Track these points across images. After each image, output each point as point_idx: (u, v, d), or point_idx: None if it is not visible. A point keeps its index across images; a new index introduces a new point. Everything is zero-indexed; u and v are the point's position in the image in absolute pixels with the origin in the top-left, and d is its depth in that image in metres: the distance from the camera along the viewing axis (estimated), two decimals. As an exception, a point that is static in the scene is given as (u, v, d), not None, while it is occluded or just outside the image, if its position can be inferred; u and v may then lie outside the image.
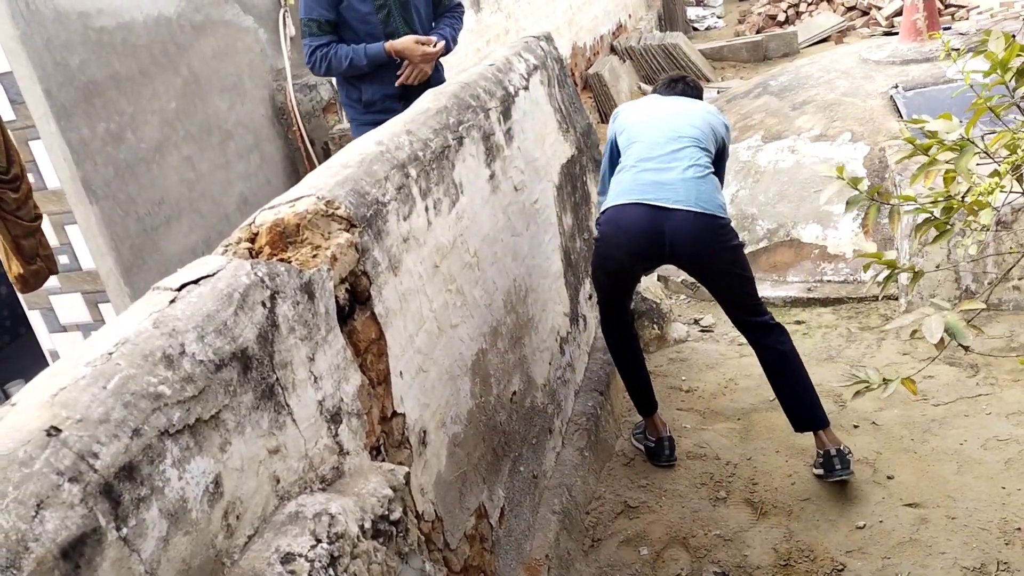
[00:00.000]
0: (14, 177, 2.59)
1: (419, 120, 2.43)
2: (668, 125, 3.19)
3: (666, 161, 3.09)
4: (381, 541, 1.63)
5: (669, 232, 3.00)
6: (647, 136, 3.20)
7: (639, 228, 3.04)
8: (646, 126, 3.24)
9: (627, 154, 3.22)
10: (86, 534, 1.11)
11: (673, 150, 3.11)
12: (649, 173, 3.08)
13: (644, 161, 3.13)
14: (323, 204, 1.88)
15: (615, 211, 3.12)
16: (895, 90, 5.27)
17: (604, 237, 3.18)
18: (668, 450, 3.33)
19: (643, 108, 3.37)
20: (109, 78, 3.32)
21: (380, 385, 1.94)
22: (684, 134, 3.14)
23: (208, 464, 1.35)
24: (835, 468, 3.04)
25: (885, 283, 2.24)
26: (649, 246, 3.06)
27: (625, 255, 3.13)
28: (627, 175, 3.15)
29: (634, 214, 3.05)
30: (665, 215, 2.99)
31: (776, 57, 10.84)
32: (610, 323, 3.35)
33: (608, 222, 3.15)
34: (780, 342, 3.14)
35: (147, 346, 1.33)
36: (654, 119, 3.26)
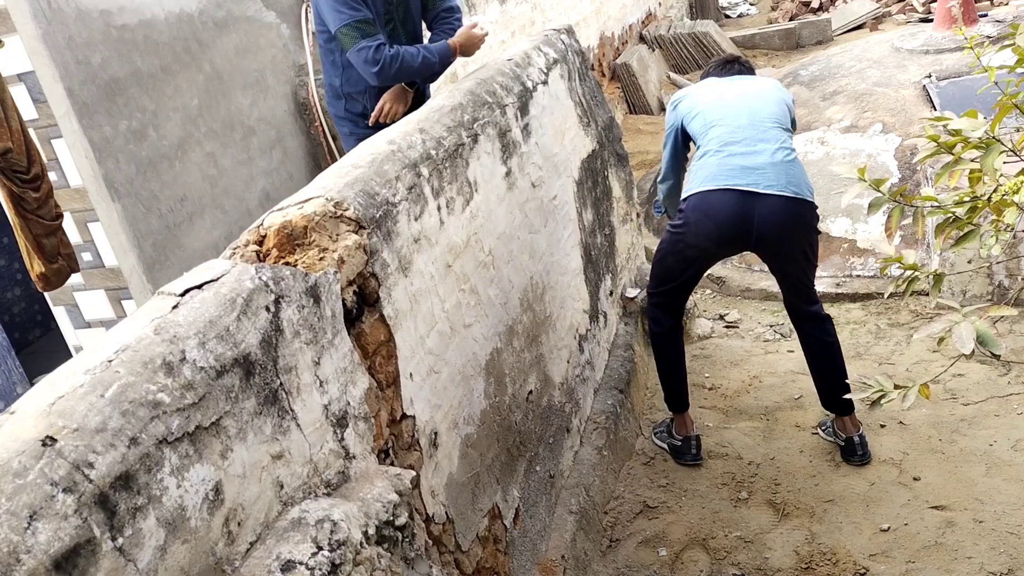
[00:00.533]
0: (35, 176, 2.62)
1: (432, 118, 2.41)
2: (746, 106, 3.12)
3: (751, 144, 3.02)
4: (386, 547, 1.62)
5: (759, 218, 2.96)
6: (727, 119, 3.13)
7: (728, 215, 2.99)
8: (723, 108, 3.17)
9: (707, 138, 3.15)
10: (80, 545, 1.11)
11: (757, 132, 3.05)
12: (736, 158, 3.02)
13: (729, 145, 3.06)
14: (331, 206, 1.87)
15: (702, 197, 3.05)
16: (928, 80, 5.15)
17: (689, 223, 3.10)
18: (695, 449, 3.30)
19: (710, 92, 3.28)
20: (131, 75, 3.34)
21: (389, 387, 1.93)
22: (765, 115, 3.08)
23: (208, 471, 1.34)
24: (856, 453, 3.16)
25: (908, 286, 2.19)
26: (737, 232, 3.01)
27: (711, 241, 3.08)
28: (712, 160, 3.08)
29: (723, 200, 2.99)
30: (756, 201, 2.94)
31: (809, 45, 10.68)
32: (664, 312, 3.31)
33: (695, 209, 3.08)
34: (827, 332, 3.17)
35: (147, 353, 1.33)
36: (728, 101, 3.18)
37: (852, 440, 3.16)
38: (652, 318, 3.37)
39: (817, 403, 3.55)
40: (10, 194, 2.67)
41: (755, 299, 4.63)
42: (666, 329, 3.32)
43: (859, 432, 3.18)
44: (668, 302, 3.29)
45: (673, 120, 3.39)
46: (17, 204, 2.68)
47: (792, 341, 4.13)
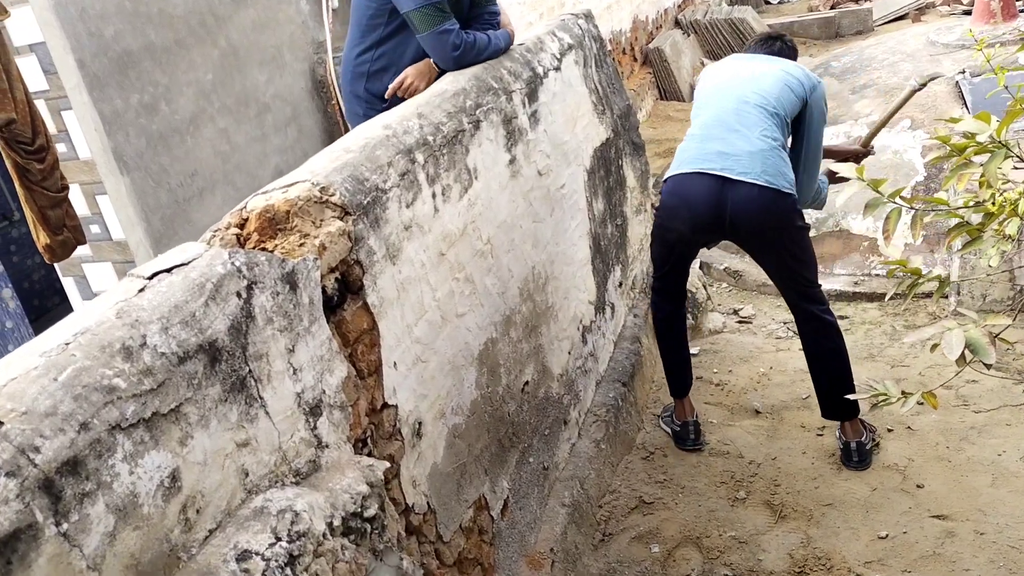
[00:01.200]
0: (39, 148, 2.63)
1: (433, 103, 2.38)
2: (737, 90, 3.06)
3: (731, 129, 2.98)
4: (352, 539, 1.60)
5: (731, 205, 2.92)
6: (714, 102, 3.10)
7: (700, 199, 2.96)
8: (714, 91, 3.14)
9: (695, 122, 3.14)
10: (20, 530, 1.10)
11: (741, 117, 2.98)
12: (715, 142, 2.99)
13: (709, 128, 3.03)
14: (317, 191, 1.85)
15: (677, 180, 3.05)
16: (961, 76, 5.01)
17: (664, 207, 3.11)
18: (693, 434, 3.30)
19: (716, 72, 3.24)
20: (144, 49, 3.34)
21: (370, 376, 1.91)
22: (754, 100, 3.01)
23: (164, 458, 1.33)
24: (852, 460, 3.11)
25: (911, 290, 2.14)
26: (710, 218, 2.98)
27: (685, 226, 3.06)
28: (692, 144, 3.07)
29: (697, 185, 2.97)
30: (729, 187, 2.91)
31: (849, 35, 10.46)
32: (662, 297, 3.32)
33: (669, 192, 3.08)
34: (829, 338, 3.09)
35: (106, 337, 1.31)
36: (724, 84, 3.13)
37: (849, 446, 3.11)
38: (652, 303, 3.40)
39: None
40: (15, 165, 2.68)
41: (771, 294, 4.55)
42: (666, 315, 3.32)
43: (857, 439, 3.10)
44: (664, 287, 3.30)
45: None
46: (22, 175, 2.69)
47: (805, 339, 4.05)
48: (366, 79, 3.05)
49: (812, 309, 3.07)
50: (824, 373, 3.11)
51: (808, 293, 3.06)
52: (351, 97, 3.11)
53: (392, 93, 2.92)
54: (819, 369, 3.13)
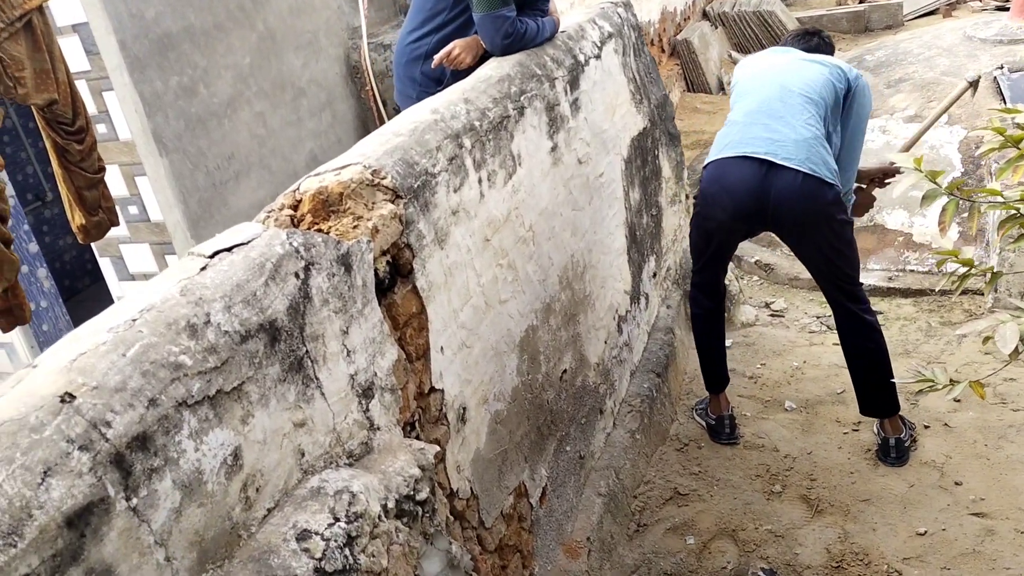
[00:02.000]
0: (79, 129, 2.63)
1: (479, 88, 2.37)
2: (780, 80, 3.00)
3: (776, 117, 2.91)
4: (405, 521, 1.60)
5: (774, 192, 2.84)
6: (756, 91, 3.04)
7: (742, 185, 2.89)
8: (756, 80, 3.08)
9: (735, 109, 3.08)
10: (93, 503, 1.11)
11: (785, 106, 2.92)
12: (758, 128, 2.92)
13: (753, 115, 2.96)
14: (369, 173, 1.84)
15: (718, 165, 2.97)
16: (1000, 71, 4.94)
17: (704, 195, 3.03)
18: (729, 428, 3.28)
19: (756, 63, 3.19)
20: (183, 31, 3.34)
21: (418, 360, 1.91)
22: (798, 90, 2.94)
23: (228, 436, 1.33)
24: (889, 456, 3.07)
25: (961, 282, 2.10)
26: (752, 205, 2.90)
27: (726, 214, 2.98)
28: (733, 129, 3.00)
29: (739, 169, 2.90)
30: (773, 173, 2.83)
31: (878, 29, 10.34)
32: (701, 292, 3.26)
33: (710, 179, 3.00)
34: (869, 339, 3.02)
35: (172, 314, 1.32)
36: (765, 73, 3.08)
37: (887, 442, 3.07)
38: (691, 298, 3.35)
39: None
40: (54, 145, 2.69)
41: (803, 288, 4.52)
42: (704, 311, 3.28)
43: (896, 435, 3.07)
44: (703, 282, 3.24)
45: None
46: (61, 155, 2.70)
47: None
48: (422, 62, 3.02)
49: (852, 308, 3.01)
50: (863, 371, 3.07)
51: (848, 291, 3.00)
52: (406, 80, 3.08)
53: (439, 63, 2.89)
54: (858, 367, 3.08)
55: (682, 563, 2.77)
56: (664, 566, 2.77)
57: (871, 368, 3.05)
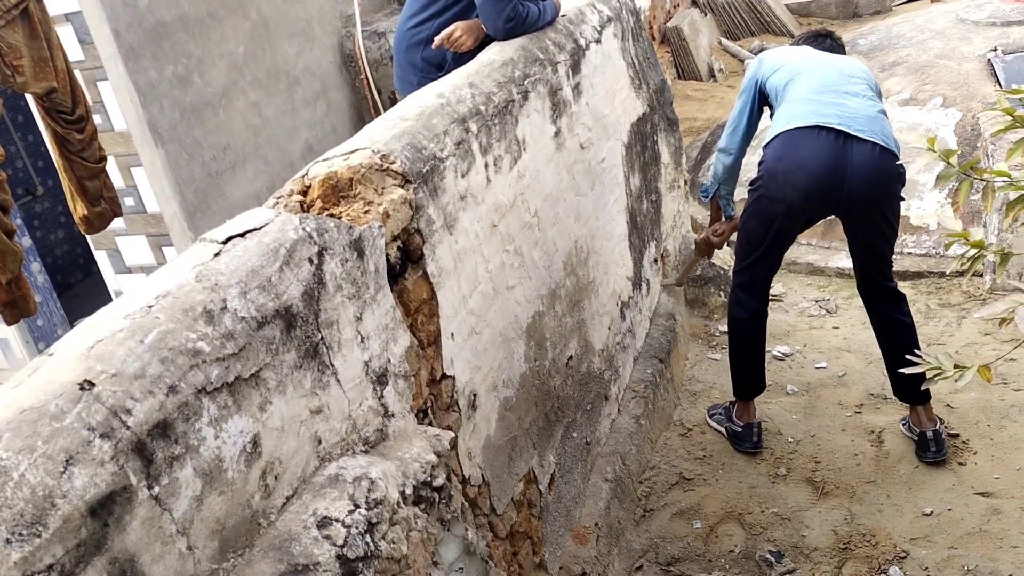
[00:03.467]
0: (79, 118, 2.60)
1: (483, 73, 2.34)
2: (837, 65, 2.92)
3: (843, 95, 2.79)
4: (422, 508, 1.59)
5: (853, 166, 2.67)
6: (818, 71, 2.90)
7: (818, 159, 2.70)
8: (813, 64, 2.95)
9: (794, 87, 2.89)
10: (116, 492, 1.09)
11: (849, 84, 2.83)
12: (827, 101, 2.77)
13: (819, 92, 2.81)
14: (378, 158, 1.82)
15: (788, 138, 2.76)
16: (993, 54, 4.95)
17: (772, 173, 2.79)
18: (756, 436, 3.12)
19: (798, 52, 3.09)
20: (177, 20, 3.30)
21: (430, 347, 1.89)
22: (857, 76, 2.88)
23: (247, 423, 1.31)
24: (929, 450, 2.96)
25: (971, 264, 2.09)
26: (829, 182, 2.71)
27: (797, 194, 2.75)
28: (799, 104, 2.82)
29: (814, 142, 2.71)
30: (850, 146, 2.68)
31: (867, 15, 10.34)
32: (749, 294, 2.99)
33: (778, 155, 2.78)
34: (903, 312, 2.97)
35: (188, 300, 1.29)
36: (819, 61, 2.97)
37: (925, 435, 2.96)
38: (736, 300, 3.05)
39: (861, 382, 3.48)
40: (54, 135, 2.66)
41: (801, 273, 4.52)
42: (751, 315, 3.01)
43: (935, 427, 2.96)
44: (753, 280, 2.98)
45: (753, 75, 3.10)
46: (61, 145, 2.66)
47: (837, 317, 4.03)
48: (423, 47, 2.98)
49: (889, 285, 2.97)
50: (901, 349, 2.85)
51: (886, 270, 2.96)
52: (406, 65, 3.05)
53: (439, 44, 2.86)
54: (898, 347, 2.91)
55: (689, 547, 2.77)
56: (672, 550, 2.76)
57: (910, 344, 2.90)
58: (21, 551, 0.97)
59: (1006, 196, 2.97)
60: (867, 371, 3.54)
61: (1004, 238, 3.88)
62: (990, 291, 3.93)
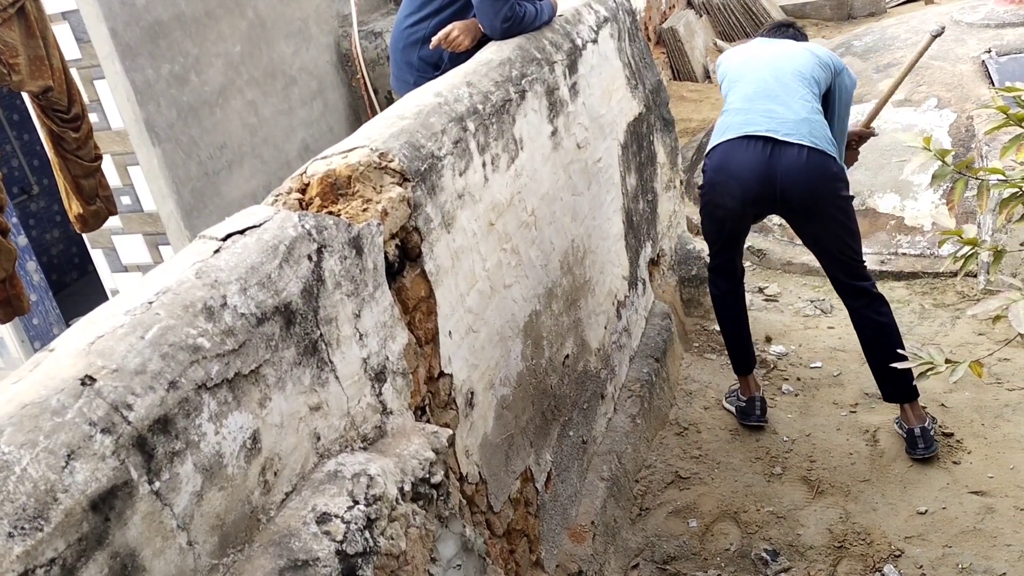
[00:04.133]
0: (75, 116, 2.60)
1: (480, 72, 2.35)
2: (773, 65, 3.03)
3: (774, 97, 2.93)
4: (421, 504, 1.60)
5: (781, 171, 2.85)
6: (750, 75, 3.05)
7: (748, 169, 2.89)
8: (748, 66, 3.10)
9: (731, 97, 3.08)
10: (117, 487, 1.10)
11: (780, 87, 2.95)
12: (758, 109, 2.93)
13: (750, 99, 2.97)
14: (376, 156, 1.83)
15: (723, 151, 2.97)
16: (987, 55, 4.97)
17: (710, 184, 3.03)
18: (759, 410, 3.25)
19: (743, 52, 3.21)
20: (175, 18, 3.30)
21: (428, 344, 1.90)
22: (791, 72, 2.97)
23: (246, 419, 1.32)
24: (917, 447, 2.99)
25: (965, 262, 2.10)
26: (760, 188, 2.90)
27: (735, 201, 2.99)
28: (732, 116, 3.00)
29: (743, 153, 2.90)
30: (777, 152, 2.84)
31: (861, 16, 10.38)
32: (718, 274, 3.28)
33: (715, 167, 3.00)
34: (879, 312, 3.03)
35: (188, 296, 1.30)
36: (756, 60, 3.10)
37: (913, 432, 2.98)
38: (710, 281, 3.35)
39: (856, 381, 3.49)
40: (50, 133, 2.65)
41: (796, 273, 4.53)
42: (723, 292, 3.28)
43: (922, 424, 2.99)
44: (719, 265, 3.25)
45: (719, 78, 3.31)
46: (57, 144, 2.66)
47: (832, 317, 4.05)
48: (420, 47, 2.98)
49: (861, 285, 3.02)
50: (880, 348, 2.97)
51: (854, 269, 3.02)
52: (402, 65, 3.05)
53: (437, 44, 2.87)
54: (875, 346, 3.01)
55: (685, 546, 2.78)
56: (667, 549, 2.77)
57: (887, 344, 2.95)
58: (23, 545, 0.97)
59: (999, 194, 2.99)
60: (862, 371, 3.54)
61: (998, 238, 3.89)
62: (984, 291, 3.95)
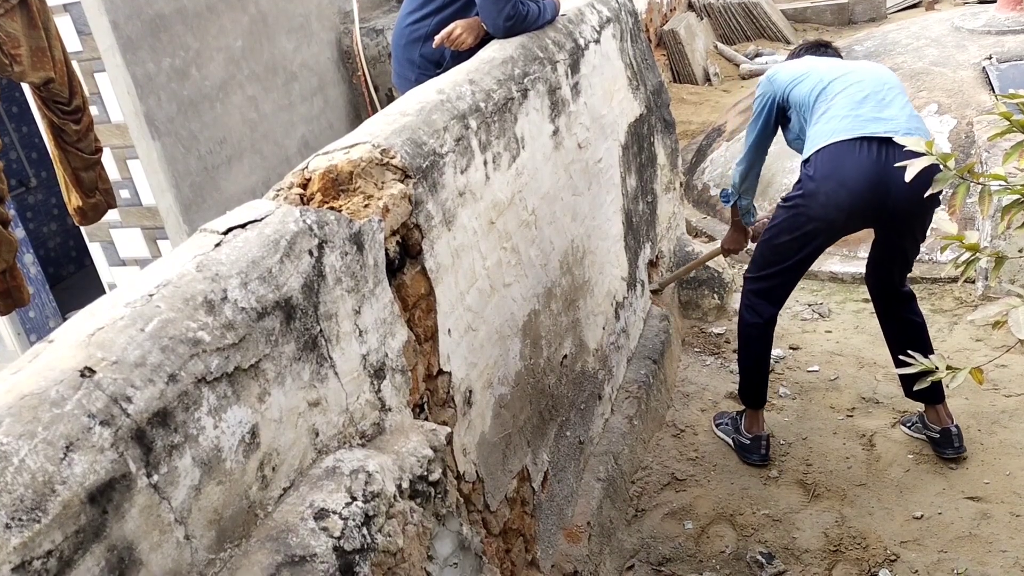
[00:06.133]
0: (76, 108, 2.59)
1: (483, 70, 2.35)
2: (870, 74, 2.82)
3: (885, 103, 2.70)
4: (419, 502, 1.59)
5: (896, 180, 2.53)
6: (851, 77, 2.80)
7: (864, 177, 2.62)
8: (841, 70, 2.85)
9: (828, 98, 2.80)
10: (115, 479, 1.09)
11: (886, 92, 2.74)
12: (869, 115, 2.68)
13: (858, 104, 2.72)
14: (378, 152, 1.82)
15: (830, 154, 2.68)
16: (988, 62, 4.98)
17: (812, 193, 2.71)
18: (764, 449, 3.07)
19: (816, 62, 2.98)
20: (176, 12, 3.29)
21: (427, 342, 1.89)
22: (890, 83, 2.79)
23: (245, 414, 1.31)
24: (952, 445, 2.97)
25: (966, 267, 2.10)
26: (873, 200, 2.64)
27: (840, 213, 2.69)
28: (837, 118, 2.73)
29: (856, 158, 2.63)
30: (893, 155, 2.56)
31: (862, 21, 10.40)
32: (764, 300, 2.95)
33: (822, 174, 2.68)
34: (916, 312, 2.97)
35: (189, 290, 1.29)
36: (845, 67, 2.89)
37: (949, 431, 2.95)
38: (748, 306, 3.00)
39: (853, 385, 3.49)
40: (50, 125, 2.65)
41: (794, 277, 4.53)
42: (763, 321, 2.97)
43: (955, 423, 2.98)
44: (771, 288, 2.94)
45: (769, 91, 3.02)
46: (57, 136, 2.65)
47: (830, 321, 4.05)
48: (422, 44, 2.97)
49: (905, 290, 2.97)
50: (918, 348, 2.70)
51: (905, 276, 2.98)
52: (404, 62, 3.04)
53: (440, 43, 2.86)
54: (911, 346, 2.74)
55: (681, 547, 2.78)
56: (663, 550, 2.77)
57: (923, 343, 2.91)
58: (20, 536, 0.96)
59: (999, 201, 2.99)
60: (859, 375, 3.55)
61: (997, 244, 3.90)
62: (982, 297, 3.95)
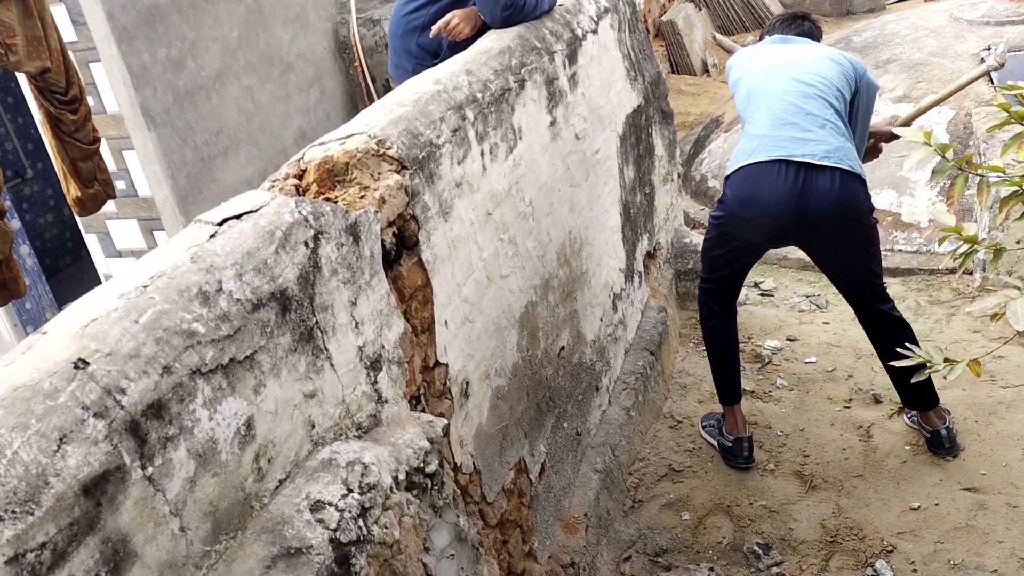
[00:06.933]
0: (73, 98, 2.57)
1: (480, 60, 2.34)
2: (796, 80, 2.79)
3: (803, 117, 2.70)
4: (415, 493, 1.59)
5: (814, 202, 2.60)
6: (774, 92, 2.81)
7: (781, 203, 2.65)
8: (769, 80, 2.85)
9: (753, 117, 2.85)
10: (109, 471, 1.09)
11: (808, 102, 2.72)
12: (786, 137, 2.70)
13: (778, 121, 2.74)
14: (374, 143, 1.81)
15: (749, 176, 2.71)
16: (987, 52, 4.96)
17: (730, 213, 2.79)
18: (747, 451, 3.04)
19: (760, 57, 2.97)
20: (171, 2, 3.28)
21: (424, 333, 1.89)
22: (815, 84, 2.75)
23: (241, 406, 1.31)
24: (943, 447, 2.97)
25: (964, 259, 2.10)
26: (790, 222, 2.68)
27: (757, 235, 2.77)
28: (756, 140, 2.77)
29: (772, 182, 2.66)
30: (811, 179, 2.60)
31: (860, 12, 10.36)
32: (715, 304, 3.05)
33: (741, 199, 2.74)
34: (902, 334, 2.81)
35: (183, 281, 1.29)
36: (778, 74, 2.85)
37: (939, 433, 2.97)
38: (701, 301, 3.12)
39: (851, 377, 3.49)
40: (48, 115, 2.63)
41: (792, 268, 4.53)
42: (714, 314, 3.07)
43: (946, 424, 2.98)
44: (717, 289, 3.04)
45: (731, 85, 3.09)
46: (55, 126, 2.64)
47: (827, 313, 4.04)
48: (419, 34, 2.96)
49: (881, 308, 2.88)
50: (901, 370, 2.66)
51: (876, 291, 2.87)
52: (401, 52, 3.03)
53: (437, 33, 2.84)
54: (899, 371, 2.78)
55: (678, 538, 2.78)
56: (660, 542, 2.77)
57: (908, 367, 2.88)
58: (14, 528, 0.96)
59: (997, 192, 2.98)
60: (856, 366, 3.55)
61: (995, 235, 3.89)
62: (980, 288, 3.95)
